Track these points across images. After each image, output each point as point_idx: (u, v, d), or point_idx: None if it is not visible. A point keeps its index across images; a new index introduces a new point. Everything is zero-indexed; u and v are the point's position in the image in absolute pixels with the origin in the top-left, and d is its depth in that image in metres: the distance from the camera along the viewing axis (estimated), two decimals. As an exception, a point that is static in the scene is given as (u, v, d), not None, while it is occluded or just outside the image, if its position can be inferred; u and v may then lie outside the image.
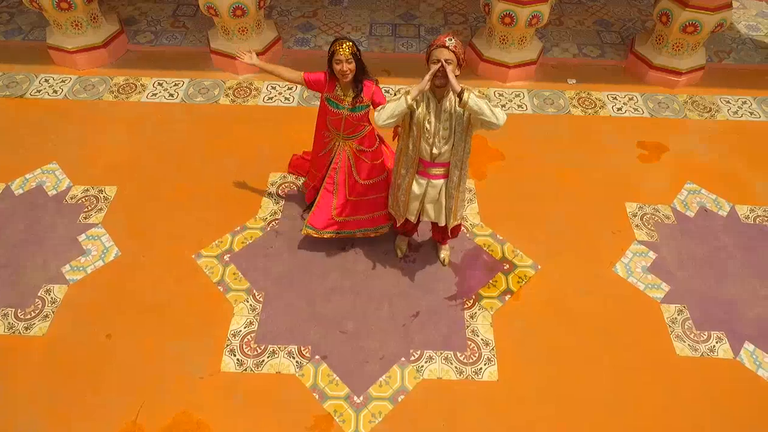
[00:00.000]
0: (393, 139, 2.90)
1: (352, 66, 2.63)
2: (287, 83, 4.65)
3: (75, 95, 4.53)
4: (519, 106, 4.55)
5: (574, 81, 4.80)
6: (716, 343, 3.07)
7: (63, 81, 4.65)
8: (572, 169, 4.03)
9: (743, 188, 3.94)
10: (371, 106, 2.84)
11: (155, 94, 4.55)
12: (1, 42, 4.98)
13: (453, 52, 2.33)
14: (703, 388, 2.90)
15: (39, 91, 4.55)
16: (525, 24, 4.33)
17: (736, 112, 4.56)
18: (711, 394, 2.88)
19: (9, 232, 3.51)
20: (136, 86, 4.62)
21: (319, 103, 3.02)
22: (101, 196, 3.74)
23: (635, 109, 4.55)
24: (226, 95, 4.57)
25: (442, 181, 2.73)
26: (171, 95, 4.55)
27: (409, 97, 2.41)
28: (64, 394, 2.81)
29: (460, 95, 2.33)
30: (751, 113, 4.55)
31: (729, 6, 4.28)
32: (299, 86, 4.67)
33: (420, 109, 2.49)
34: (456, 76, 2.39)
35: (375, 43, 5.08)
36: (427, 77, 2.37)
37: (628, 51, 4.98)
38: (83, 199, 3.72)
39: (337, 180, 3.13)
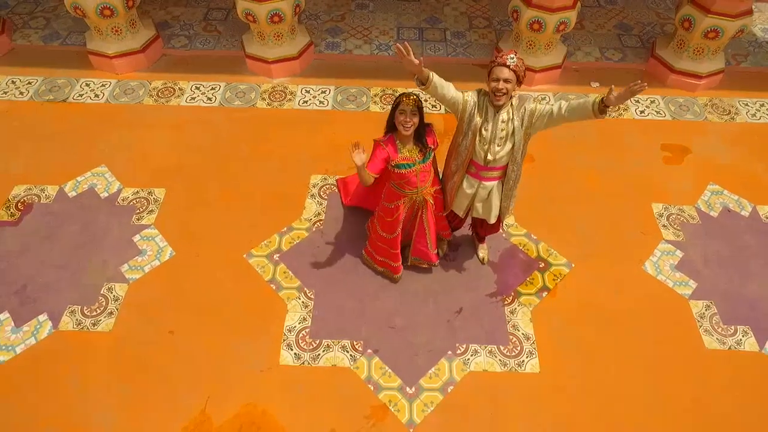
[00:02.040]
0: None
1: (416, 119, 2.67)
2: (321, 87, 4.84)
3: (116, 99, 4.68)
4: (545, 109, 4.71)
5: (597, 84, 4.96)
6: (742, 336, 3.27)
7: (103, 85, 4.80)
8: (599, 171, 4.21)
9: (764, 189, 4.12)
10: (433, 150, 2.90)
11: (194, 98, 4.70)
12: (40, 47, 5.12)
13: (513, 71, 2.49)
14: (731, 379, 3.10)
15: (81, 96, 4.70)
16: (553, 30, 4.49)
17: (754, 115, 4.74)
18: (739, 385, 3.08)
19: (66, 233, 3.68)
20: (174, 90, 4.77)
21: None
22: (151, 198, 3.91)
23: (657, 112, 4.72)
24: (263, 99, 4.73)
25: (493, 183, 2.90)
26: (209, 99, 4.70)
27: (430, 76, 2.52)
28: (135, 386, 3.00)
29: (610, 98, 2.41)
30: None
31: (750, 12, 4.44)
32: (333, 89, 4.83)
33: (478, 117, 2.65)
34: (512, 95, 2.56)
35: (403, 47, 5.22)
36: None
37: (649, 55, 5.14)
38: (134, 201, 3.89)
39: (428, 225, 3.16)
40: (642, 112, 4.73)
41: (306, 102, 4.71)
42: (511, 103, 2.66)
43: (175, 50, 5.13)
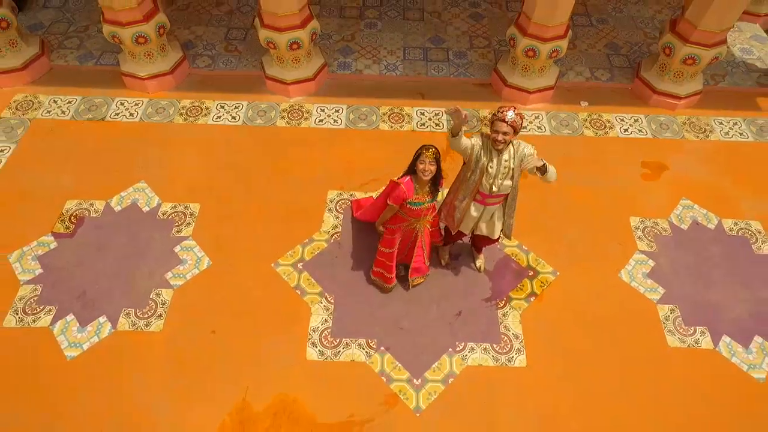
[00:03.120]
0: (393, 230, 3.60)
1: (434, 168, 3.15)
2: (335, 105, 5.31)
3: (149, 118, 5.16)
4: (538, 127, 5.20)
5: (587, 103, 5.43)
6: (700, 336, 3.82)
7: (136, 104, 5.27)
8: (585, 186, 4.71)
9: (729, 204, 4.64)
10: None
11: (219, 117, 5.18)
12: (76, 67, 5.57)
13: (512, 126, 2.98)
14: (689, 372, 3.66)
15: (117, 114, 5.18)
16: (546, 56, 4.95)
17: (727, 133, 5.22)
18: (695, 377, 3.64)
19: (115, 244, 4.20)
20: (201, 109, 5.25)
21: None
22: (187, 212, 4.43)
23: (640, 131, 5.21)
24: (282, 117, 5.21)
25: (495, 207, 3.42)
26: (233, 117, 5.18)
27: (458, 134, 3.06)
28: (184, 378, 3.55)
29: (541, 170, 2.98)
30: (741, 134, 5.22)
31: (724, 42, 4.90)
32: (345, 108, 5.30)
33: (484, 158, 3.16)
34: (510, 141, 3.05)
35: (409, 67, 5.68)
36: (458, 122, 3.00)
37: (634, 75, 5.60)
38: (173, 215, 4.40)
39: (425, 244, 3.71)
40: (626, 130, 5.21)
41: (321, 121, 5.19)
42: (512, 143, 3.15)
43: (199, 70, 5.59)
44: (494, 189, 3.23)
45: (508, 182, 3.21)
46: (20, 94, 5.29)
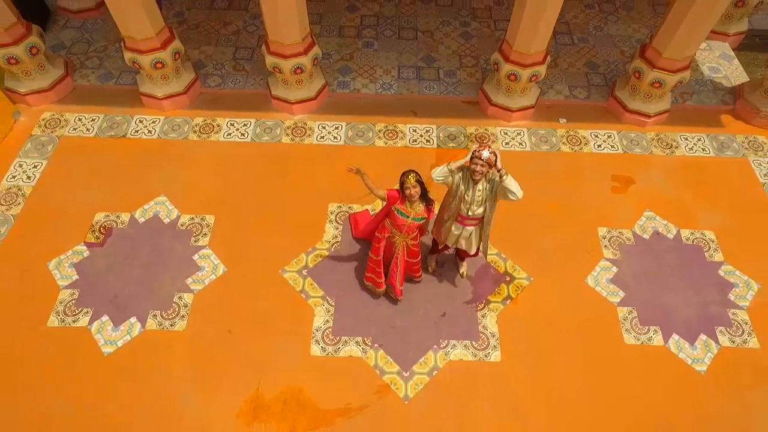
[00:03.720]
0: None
1: (418, 189, 3.66)
2: (335, 123, 5.82)
3: (166, 135, 5.67)
4: (520, 143, 5.72)
5: (565, 120, 5.94)
6: (653, 334, 4.39)
7: (154, 122, 5.78)
8: (559, 199, 5.24)
9: (688, 215, 5.17)
10: (426, 219, 3.91)
11: (230, 134, 5.69)
12: (98, 86, 6.07)
13: (487, 162, 3.50)
14: (642, 366, 4.23)
15: (137, 132, 5.69)
16: (526, 80, 5.44)
17: (691, 149, 5.74)
18: (646, 371, 4.21)
19: (141, 253, 4.75)
20: (213, 126, 5.76)
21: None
22: (204, 223, 4.97)
23: (612, 146, 5.72)
24: (287, 134, 5.72)
25: (473, 228, 3.95)
26: (242, 134, 5.70)
27: (452, 165, 3.61)
28: (206, 372, 4.13)
29: (501, 176, 3.52)
30: (703, 149, 5.73)
31: (687, 68, 5.39)
32: (344, 125, 5.81)
33: (462, 187, 3.69)
34: (486, 173, 3.59)
35: (403, 86, 6.17)
36: (462, 163, 3.60)
37: (609, 94, 6.10)
38: (191, 226, 4.94)
39: (399, 263, 4.21)
40: (599, 146, 5.73)
41: (323, 137, 5.70)
42: (486, 177, 3.67)
43: (210, 89, 6.09)
44: (469, 213, 3.77)
45: (480, 209, 3.74)
46: (48, 113, 5.80)
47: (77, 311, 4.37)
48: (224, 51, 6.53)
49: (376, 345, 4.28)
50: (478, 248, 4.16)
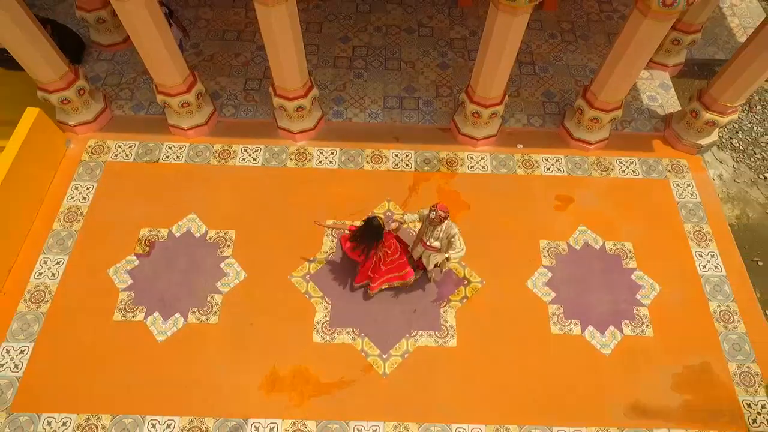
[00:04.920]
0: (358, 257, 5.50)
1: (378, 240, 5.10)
2: (330, 149, 7.02)
3: (191, 160, 6.88)
4: (482, 167, 6.94)
5: (521, 146, 7.13)
6: (573, 326, 5.75)
7: (180, 148, 6.98)
8: (511, 216, 6.52)
9: (613, 229, 6.46)
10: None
11: (244, 159, 6.90)
12: (132, 116, 7.22)
13: (440, 217, 4.76)
14: (563, 350, 5.62)
15: (167, 157, 6.89)
16: (487, 118, 6.62)
17: (624, 171, 6.97)
18: (566, 353, 5.60)
19: (179, 262, 6.06)
20: (230, 152, 6.96)
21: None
22: (227, 237, 6.25)
23: (558, 169, 6.95)
24: (291, 159, 6.93)
25: (431, 252, 5.25)
26: (254, 159, 6.91)
27: (409, 217, 4.92)
28: (234, 354, 5.51)
29: (448, 259, 4.84)
30: (634, 172, 6.96)
31: (619, 108, 6.55)
32: (338, 151, 7.01)
33: (423, 225, 4.98)
34: (439, 223, 4.87)
35: (387, 115, 7.33)
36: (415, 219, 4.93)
37: (560, 122, 7.27)
38: (217, 239, 6.23)
39: (380, 267, 5.47)
40: (548, 169, 6.95)
41: (320, 162, 6.92)
42: (443, 226, 4.94)
43: (226, 118, 7.24)
44: (429, 243, 5.07)
45: (437, 243, 5.04)
46: (93, 140, 6.98)
47: (134, 308, 5.73)
48: (236, 82, 7.64)
49: (362, 334, 5.66)
50: (435, 265, 5.52)
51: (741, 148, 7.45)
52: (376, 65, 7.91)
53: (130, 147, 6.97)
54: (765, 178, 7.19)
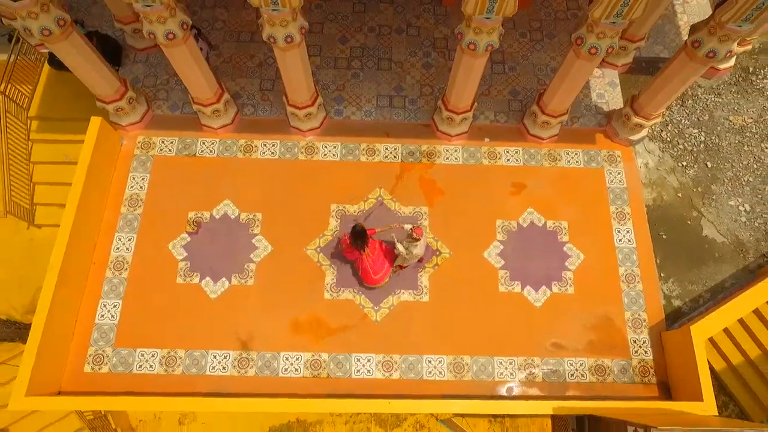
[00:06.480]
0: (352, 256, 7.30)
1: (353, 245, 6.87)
2: (333, 143, 8.69)
3: (221, 153, 8.56)
4: (455, 158, 8.63)
5: (488, 139, 8.77)
6: (516, 286, 7.79)
7: (212, 143, 8.62)
8: (476, 199, 8.32)
9: (554, 210, 8.30)
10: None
11: (264, 153, 8.58)
12: (169, 115, 8.78)
13: (411, 241, 6.58)
14: (507, 305, 7.69)
15: (202, 151, 8.57)
16: (459, 121, 8.21)
17: (569, 161, 8.67)
18: (509, 308, 7.68)
19: (221, 239, 7.97)
20: (252, 146, 8.62)
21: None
22: (256, 218, 8.11)
23: (516, 160, 8.65)
24: (302, 152, 8.61)
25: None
26: (272, 153, 8.58)
27: (400, 247, 6.77)
28: (268, 308, 7.59)
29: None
30: (577, 162, 8.66)
31: (566, 113, 8.12)
32: (339, 145, 8.67)
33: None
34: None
35: (379, 113, 8.87)
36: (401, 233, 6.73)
37: (521, 119, 8.83)
38: (248, 220, 8.10)
39: (367, 268, 7.38)
40: (508, 160, 8.65)
41: (325, 155, 8.60)
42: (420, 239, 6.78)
43: (247, 117, 8.81)
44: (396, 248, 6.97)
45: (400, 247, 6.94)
46: (141, 137, 8.62)
47: (191, 274, 7.73)
48: (253, 82, 9.10)
49: (360, 293, 7.71)
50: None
51: (668, 139, 9.10)
52: (371, 65, 9.31)
53: (171, 142, 8.62)
54: (683, 166, 8.91)
